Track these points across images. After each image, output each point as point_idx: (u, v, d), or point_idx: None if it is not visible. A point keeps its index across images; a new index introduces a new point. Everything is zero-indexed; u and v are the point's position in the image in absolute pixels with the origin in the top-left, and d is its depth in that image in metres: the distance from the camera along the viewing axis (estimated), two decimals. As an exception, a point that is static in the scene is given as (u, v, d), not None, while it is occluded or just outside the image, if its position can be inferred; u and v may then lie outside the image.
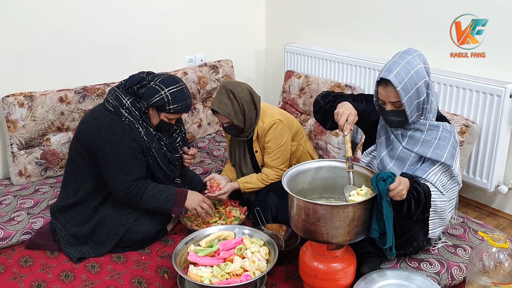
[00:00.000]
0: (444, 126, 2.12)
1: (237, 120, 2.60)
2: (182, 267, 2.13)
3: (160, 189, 2.46)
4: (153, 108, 2.42)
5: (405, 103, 2.01)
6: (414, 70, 2.00)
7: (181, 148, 2.66)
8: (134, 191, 2.40)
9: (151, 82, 2.42)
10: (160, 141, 2.51)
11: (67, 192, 2.56)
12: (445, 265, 2.21)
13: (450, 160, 2.07)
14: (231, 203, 2.79)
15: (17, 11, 2.99)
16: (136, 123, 2.41)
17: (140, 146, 2.42)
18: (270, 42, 4.26)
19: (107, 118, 2.41)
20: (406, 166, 2.15)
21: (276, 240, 2.32)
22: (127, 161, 2.38)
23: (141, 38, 3.57)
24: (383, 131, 2.25)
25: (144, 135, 2.43)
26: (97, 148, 2.40)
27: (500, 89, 2.59)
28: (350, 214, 1.88)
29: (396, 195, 1.90)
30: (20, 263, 2.40)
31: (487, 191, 2.85)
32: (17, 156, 3.02)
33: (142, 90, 2.41)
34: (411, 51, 2.07)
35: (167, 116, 2.44)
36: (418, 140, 2.13)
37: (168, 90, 2.39)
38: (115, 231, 2.46)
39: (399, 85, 1.98)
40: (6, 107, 2.95)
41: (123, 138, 2.37)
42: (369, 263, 2.16)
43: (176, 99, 2.40)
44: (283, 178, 2.06)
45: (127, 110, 2.41)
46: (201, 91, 3.76)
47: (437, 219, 2.16)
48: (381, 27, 3.27)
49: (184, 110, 2.46)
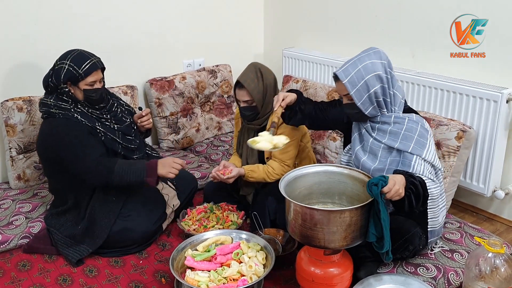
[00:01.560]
0: (410, 117, 2.23)
1: (257, 100, 2.63)
2: (179, 271, 2.13)
3: (129, 163, 2.49)
4: (70, 84, 2.47)
5: (353, 95, 2.17)
6: (363, 65, 2.16)
7: (126, 116, 2.71)
8: (101, 167, 2.43)
9: (53, 68, 2.50)
10: (101, 118, 2.56)
11: (58, 202, 2.64)
12: (441, 270, 2.22)
13: (418, 149, 2.16)
14: (229, 207, 2.79)
15: (16, 16, 3.01)
16: (69, 113, 2.47)
17: (83, 130, 2.47)
18: (268, 47, 4.28)
19: (46, 125, 2.51)
20: (378, 158, 2.23)
21: (273, 244, 2.32)
22: (78, 149, 2.43)
23: (140, 43, 3.58)
24: (356, 128, 2.37)
25: (81, 117, 2.48)
26: (53, 155, 2.47)
27: (496, 95, 2.61)
28: (347, 219, 1.89)
29: (394, 195, 1.91)
30: (18, 267, 2.41)
31: (484, 196, 2.86)
32: (16, 160, 3.03)
33: (52, 79, 2.47)
34: (369, 49, 2.22)
35: (85, 82, 2.47)
36: (386, 131, 2.23)
37: (67, 60, 2.45)
38: (108, 220, 2.49)
39: (345, 79, 2.16)
40: (5, 112, 2.96)
41: (64, 132, 2.44)
42: (366, 268, 2.17)
43: (79, 62, 2.44)
44: (281, 183, 2.07)
45: (55, 106, 2.47)
46: (199, 95, 3.77)
47: (434, 207, 2.23)
48: (379, 32, 3.28)
49: (94, 67, 2.47)
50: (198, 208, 2.79)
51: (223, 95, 3.92)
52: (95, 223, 2.49)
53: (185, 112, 3.70)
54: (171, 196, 2.73)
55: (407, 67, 3.13)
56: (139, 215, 2.54)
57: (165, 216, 2.68)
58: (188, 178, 2.93)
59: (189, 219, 2.69)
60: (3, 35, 2.99)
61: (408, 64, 3.14)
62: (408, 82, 3.02)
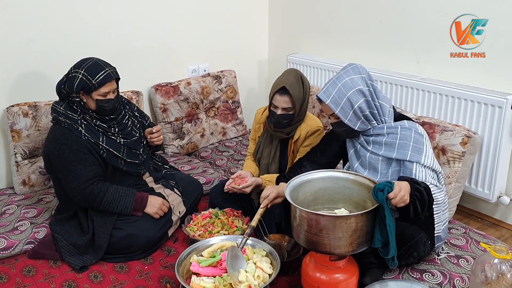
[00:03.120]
0: (402, 125, 2.24)
1: (297, 106, 2.57)
2: (184, 277, 2.14)
3: (119, 195, 2.50)
4: (83, 94, 2.47)
5: (338, 114, 2.19)
6: (342, 83, 2.18)
7: (136, 130, 2.69)
8: (91, 195, 2.44)
9: (67, 75, 2.49)
10: (108, 132, 2.54)
11: (63, 208, 2.64)
12: (447, 276, 2.21)
13: (415, 156, 2.16)
14: (234, 213, 2.79)
15: (21, 21, 3.02)
16: (75, 124, 2.46)
17: (84, 146, 2.45)
18: (273, 52, 4.29)
19: (51, 131, 2.51)
20: (379, 172, 2.23)
21: (278, 250, 2.32)
22: (73, 166, 2.43)
23: (145, 48, 3.59)
24: (350, 145, 2.38)
25: (85, 132, 2.47)
26: (51, 162, 2.49)
27: (501, 100, 2.61)
28: (352, 225, 1.89)
29: (399, 202, 1.91)
30: (23, 273, 2.41)
31: (489, 202, 2.85)
32: (21, 165, 3.04)
33: (65, 86, 2.47)
34: (347, 66, 2.26)
35: (97, 93, 2.46)
36: (381, 143, 2.24)
37: (82, 69, 2.44)
38: (105, 229, 2.48)
39: (328, 99, 2.19)
40: (10, 117, 2.97)
41: (65, 144, 2.43)
42: (371, 274, 2.17)
43: (93, 72, 2.43)
44: (286, 189, 2.07)
45: (63, 115, 2.47)
46: (204, 101, 3.78)
47: (440, 212, 2.22)
48: (383, 37, 3.29)
49: (108, 78, 2.46)
50: (203, 213, 2.78)
51: (228, 101, 3.92)
52: (94, 233, 2.49)
53: (189, 117, 3.71)
54: (176, 204, 2.73)
55: (411, 73, 3.13)
56: (145, 222, 2.54)
57: (170, 223, 2.68)
58: (194, 184, 2.93)
59: (194, 225, 2.69)
60: (8, 41, 3.01)
61: (412, 69, 3.15)
62: (413, 88, 3.02)
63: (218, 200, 2.85)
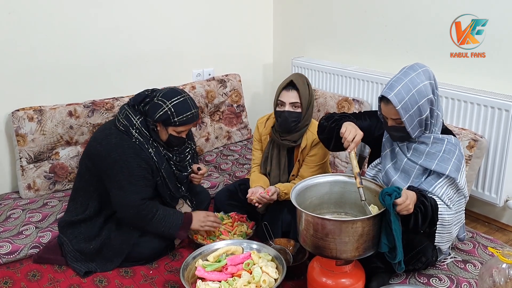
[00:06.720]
0: (449, 139, 2.14)
1: (303, 106, 2.56)
2: (190, 282, 2.13)
3: (169, 213, 2.46)
4: (160, 123, 2.41)
5: (405, 121, 2.04)
6: (416, 89, 2.01)
7: (190, 166, 2.64)
8: (144, 211, 2.38)
9: (154, 98, 2.41)
10: (170, 161, 2.50)
11: (76, 207, 2.55)
12: (454, 281, 2.19)
13: (455, 173, 2.08)
14: (239, 217, 2.78)
15: (27, 26, 3.03)
16: (146, 143, 2.40)
17: (150, 167, 2.40)
18: (277, 56, 4.29)
19: (117, 137, 2.40)
20: (411, 179, 2.16)
21: (284, 255, 2.31)
22: (137, 180, 2.37)
23: (150, 53, 3.59)
24: (388, 144, 2.27)
25: (154, 155, 2.41)
26: (106, 167, 2.39)
27: (508, 104, 2.59)
28: (358, 230, 1.88)
29: (403, 210, 1.90)
30: (28, 277, 2.40)
31: (496, 206, 2.83)
32: (26, 169, 3.04)
33: (147, 107, 2.41)
34: (417, 66, 2.08)
35: (175, 129, 2.42)
36: (422, 152, 2.14)
37: (170, 103, 2.37)
38: (121, 249, 2.45)
39: (399, 105, 2.00)
40: (16, 121, 2.98)
41: (134, 158, 2.36)
42: (378, 279, 2.15)
43: (180, 110, 2.38)
44: (292, 193, 2.06)
45: (137, 130, 2.40)
46: (209, 105, 3.77)
47: (444, 233, 2.15)
48: (388, 41, 3.28)
49: (190, 120, 2.42)
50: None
51: (233, 105, 3.92)
52: (109, 248, 2.46)
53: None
54: None
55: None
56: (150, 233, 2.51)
57: None
58: (203, 194, 2.91)
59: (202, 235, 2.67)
60: (14, 45, 3.01)
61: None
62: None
63: (223, 204, 2.84)
